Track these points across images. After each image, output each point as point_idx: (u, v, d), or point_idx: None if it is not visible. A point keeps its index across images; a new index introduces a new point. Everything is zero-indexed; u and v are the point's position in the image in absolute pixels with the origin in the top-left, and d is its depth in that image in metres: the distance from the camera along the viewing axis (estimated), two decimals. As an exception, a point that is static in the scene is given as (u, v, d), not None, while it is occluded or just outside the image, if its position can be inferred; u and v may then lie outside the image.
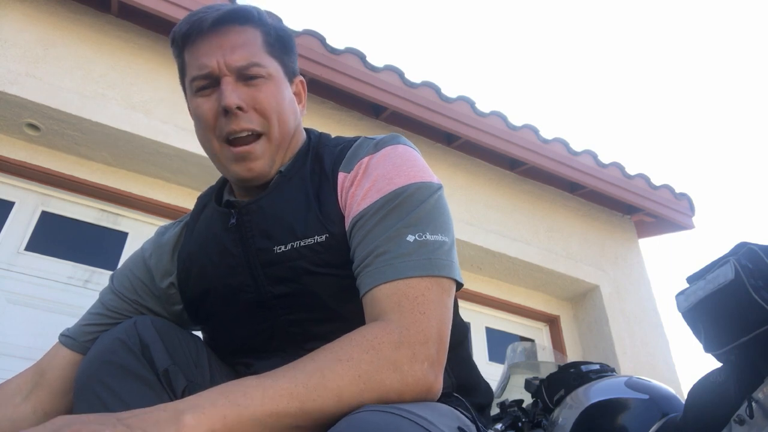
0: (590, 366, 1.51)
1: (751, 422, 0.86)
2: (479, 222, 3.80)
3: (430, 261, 0.75)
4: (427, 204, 0.80)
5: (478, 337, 3.85)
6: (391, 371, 0.64)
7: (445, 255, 0.78)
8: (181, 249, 1.00)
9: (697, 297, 1.01)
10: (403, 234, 0.76)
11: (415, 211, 0.79)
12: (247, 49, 0.88)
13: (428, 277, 0.73)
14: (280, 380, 0.60)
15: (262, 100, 0.87)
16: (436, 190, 0.84)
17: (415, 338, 0.67)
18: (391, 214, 0.78)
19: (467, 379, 0.92)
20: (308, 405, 0.59)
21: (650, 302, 4.22)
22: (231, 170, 0.91)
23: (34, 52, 2.89)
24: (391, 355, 0.65)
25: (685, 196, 4.48)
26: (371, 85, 3.42)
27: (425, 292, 0.72)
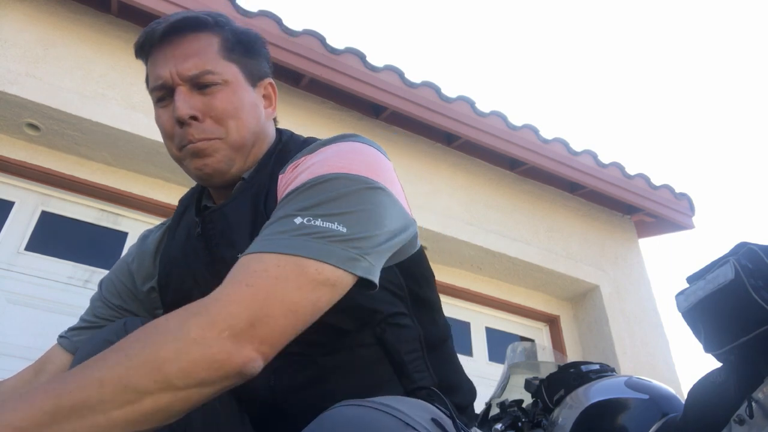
0: (590, 366, 1.51)
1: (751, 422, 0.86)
2: (479, 222, 3.80)
3: (299, 241, 0.67)
4: (340, 194, 0.73)
5: (478, 337, 3.85)
6: (170, 341, 0.57)
7: (329, 242, 0.68)
8: (163, 253, 1.00)
9: (697, 297, 1.01)
10: (292, 216, 0.70)
11: (320, 198, 0.72)
12: (200, 57, 0.86)
13: (286, 255, 0.66)
14: (39, 395, 0.53)
15: (217, 107, 0.86)
16: (368, 185, 0.75)
17: (222, 308, 0.60)
18: (296, 199, 0.73)
19: (449, 378, 0.90)
20: (67, 400, 0.52)
21: (650, 302, 4.23)
22: (191, 170, 0.91)
23: (34, 52, 2.89)
24: (179, 324, 0.59)
25: (685, 196, 4.48)
26: (371, 85, 3.42)
27: (271, 268, 0.65)
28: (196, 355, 0.57)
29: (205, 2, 3.08)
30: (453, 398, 0.87)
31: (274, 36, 3.23)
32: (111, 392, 0.54)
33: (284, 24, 3.29)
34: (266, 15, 3.26)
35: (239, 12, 3.17)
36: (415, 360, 0.85)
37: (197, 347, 0.57)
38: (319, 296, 0.66)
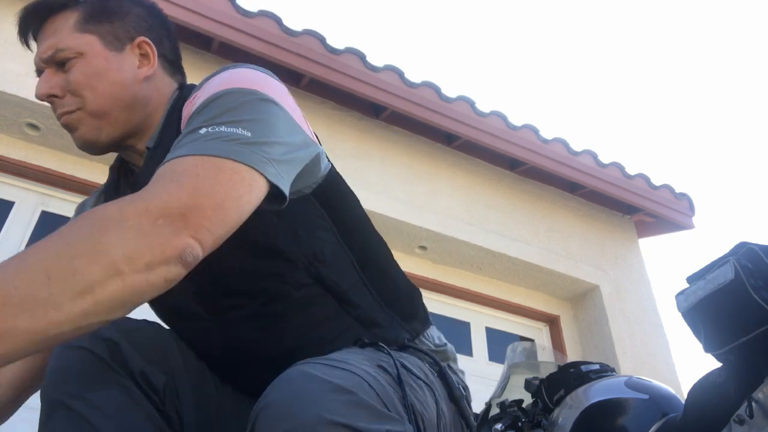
0: (590, 366, 1.51)
1: (751, 422, 0.86)
2: (479, 222, 3.80)
3: (212, 144, 0.70)
4: (236, 105, 0.76)
5: (478, 337, 3.85)
6: (111, 227, 0.58)
7: (238, 144, 0.71)
8: None
9: (697, 297, 1.01)
10: (197, 129, 0.74)
11: (219, 110, 0.76)
12: (53, 38, 0.89)
13: (202, 156, 0.69)
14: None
15: (72, 82, 0.88)
16: (260, 97, 0.79)
17: (154, 198, 0.63)
18: (197, 117, 0.76)
19: (390, 292, 0.94)
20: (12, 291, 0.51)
21: (650, 302, 4.23)
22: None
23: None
24: (115, 214, 0.60)
25: (685, 196, 4.48)
26: (371, 85, 3.42)
27: (190, 167, 0.68)
28: (137, 240, 0.58)
29: (204, 2, 3.08)
30: (397, 310, 0.93)
31: (274, 36, 3.23)
32: (60, 284, 0.53)
33: (284, 24, 3.29)
34: (266, 15, 3.26)
35: (239, 12, 3.17)
36: (354, 286, 0.89)
37: (137, 233, 0.59)
38: (241, 194, 0.69)
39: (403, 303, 0.96)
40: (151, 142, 0.90)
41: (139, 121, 0.92)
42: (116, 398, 0.81)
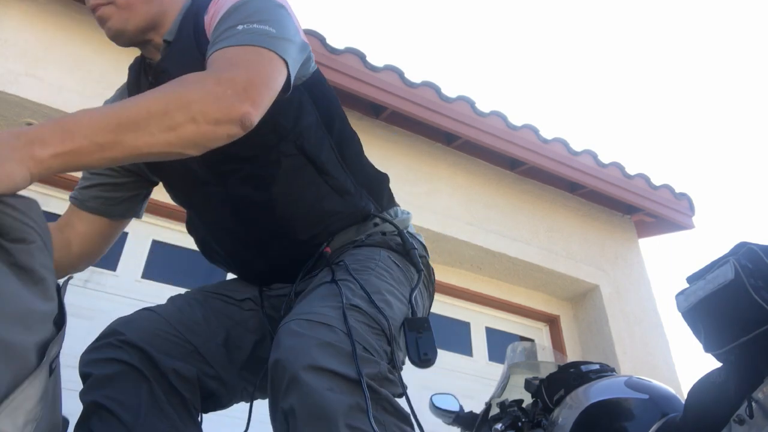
0: (590, 366, 1.51)
1: (751, 422, 0.86)
2: (479, 222, 3.80)
3: (251, 37, 0.90)
4: (260, 8, 0.96)
5: (478, 337, 3.85)
6: (193, 90, 0.80)
7: (269, 37, 0.91)
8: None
9: (697, 297, 1.01)
10: (234, 26, 0.93)
11: (248, 12, 0.95)
12: None
13: (246, 46, 0.89)
14: (107, 111, 0.75)
15: None
16: (277, 4, 1.00)
17: (224, 74, 0.83)
18: (230, 17, 0.96)
19: (361, 175, 1.17)
20: (125, 130, 0.74)
21: (650, 302, 4.23)
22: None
23: (34, 52, 2.89)
24: (197, 80, 0.82)
25: (685, 196, 4.48)
26: (371, 84, 3.41)
27: (240, 54, 0.88)
28: (211, 100, 0.79)
29: None
30: (366, 186, 1.17)
31: (274, 36, 3.23)
32: (156, 118, 0.75)
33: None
34: (266, 15, 3.26)
35: (239, 12, 3.17)
36: (330, 161, 1.10)
37: (212, 96, 0.80)
38: (276, 76, 0.89)
39: (372, 182, 1.20)
40: (170, 36, 1.10)
41: (156, 15, 1.10)
42: (146, 401, 1.00)
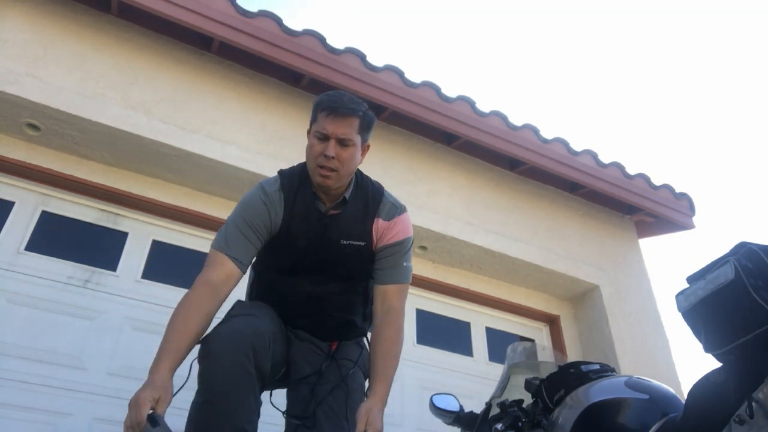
0: (590, 366, 1.51)
1: (751, 422, 0.86)
2: (479, 222, 3.80)
3: (407, 276, 1.76)
4: (409, 247, 1.77)
5: (478, 337, 3.85)
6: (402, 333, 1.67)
7: (409, 273, 1.76)
8: (287, 217, 1.66)
9: (697, 297, 1.01)
10: (403, 261, 1.74)
11: (408, 251, 1.76)
12: (348, 129, 1.61)
13: (406, 283, 1.75)
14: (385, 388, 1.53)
15: (343, 157, 1.61)
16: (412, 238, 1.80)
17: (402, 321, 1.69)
18: (400, 251, 1.73)
19: (367, 314, 1.84)
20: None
21: (650, 302, 4.22)
22: (316, 178, 1.63)
23: (34, 52, 2.89)
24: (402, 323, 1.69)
25: (685, 196, 4.48)
26: (371, 85, 3.42)
27: (405, 291, 1.75)
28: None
29: (204, 2, 3.08)
30: (367, 318, 1.84)
31: (274, 36, 3.23)
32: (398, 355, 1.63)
33: (284, 24, 3.29)
34: (266, 15, 3.25)
35: (239, 12, 3.17)
36: (363, 305, 1.82)
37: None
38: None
39: (368, 318, 1.84)
40: (347, 194, 1.70)
41: (345, 181, 1.69)
42: (253, 402, 1.42)
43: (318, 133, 1.62)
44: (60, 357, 2.61)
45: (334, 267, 1.69)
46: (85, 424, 2.51)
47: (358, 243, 1.68)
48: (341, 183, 1.65)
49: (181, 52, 3.32)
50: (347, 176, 1.65)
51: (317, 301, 1.71)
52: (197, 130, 3.10)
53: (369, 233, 1.69)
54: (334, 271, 1.70)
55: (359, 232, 1.68)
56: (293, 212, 1.66)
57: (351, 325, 1.78)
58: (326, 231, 1.66)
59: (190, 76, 3.28)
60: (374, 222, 1.70)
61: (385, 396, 1.50)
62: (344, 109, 1.60)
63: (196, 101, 3.21)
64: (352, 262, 1.69)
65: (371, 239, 1.69)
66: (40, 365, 2.54)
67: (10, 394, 2.43)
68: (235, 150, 3.14)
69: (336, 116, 1.60)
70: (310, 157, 1.64)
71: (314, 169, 1.62)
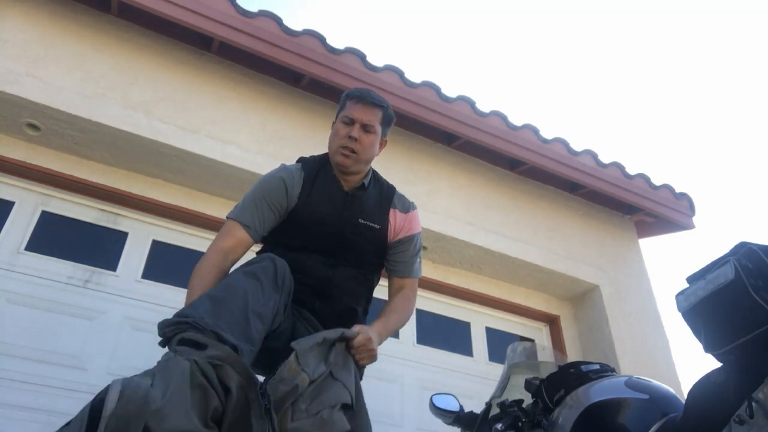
0: (590, 366, 1.51)
1: (751, 422, 0.86)
2: (479, 222, 3.80)
3: (420, 271, 1.90)
4: (421, 244, 1.91)
5: (478, 337, 3.85)
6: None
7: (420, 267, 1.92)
8: (306, 193, 1.73)
9: (697, 297, 1.01)
10: (418, 257, 1.88)
11: (420, 246, 1.89)
12: (372, 117, 1.78)
13: (418, 278, 1.89)
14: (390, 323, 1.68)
15: (365, 142, 1.75)
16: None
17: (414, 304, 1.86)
18: (414, 247, 1.86)
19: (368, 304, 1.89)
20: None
21: (650, 302, 4.22)
22: (337, 160, 1.75)
23: (34, 52, 2.89)
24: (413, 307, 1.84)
25: (685, 196, 4.48)
26: (371, 85, 3.41)
27: (416, 286, 1.88)
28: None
29: (204, 2, 3.07)
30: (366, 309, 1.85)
31: (274, 36, 3.23)
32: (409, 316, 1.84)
33: (284, 24, 3.29)
34: (266, 15, 3.25)
35: (239, 12, 3.17)
36: (368, 295, 1.84)
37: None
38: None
39: (366, 314, 1.87)
40: (366, 181, 1.82)
41: (365, 168, 1.82)
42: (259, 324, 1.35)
43: (345, 118, 1.76)
44: (60, 357, 2.61)
45: (346, 249, 1.72)
46: (85, 424, 2.51)
47: (374, 225, 1.76)
48: (359, 168, 1.77)
49: (181, 52, 3.32)
50: (365, 162, 1.78)
51: (326, 282, 1.69)
52: (197, 130, 3.10)
53: (385, 220, 1.79)
54: (345, 255, 1.72)
55: (376, 216, 1.78)
56: (313, 188, 1.74)
57: (354, 314, 1.75)
58: (346, 208, 1.75)
59: (190, 76, 3.28)
60: (391, 211, 1.82)
61: (380, 330, 1.59)
62: (371, 99, 1.78)
63: (196, 101, 3.21)
64: (364, 245, 1.74)
65: (386, 225, 1.79)
66: (40, 365, 2.54)
67: (10, 394, 2.43)
68: (235, 150, 3.14)
69: (364, 104, 1.76)
70: (334, 140, 1.77)
71: (336, 150, 1.74)
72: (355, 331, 1.46)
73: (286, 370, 1.25)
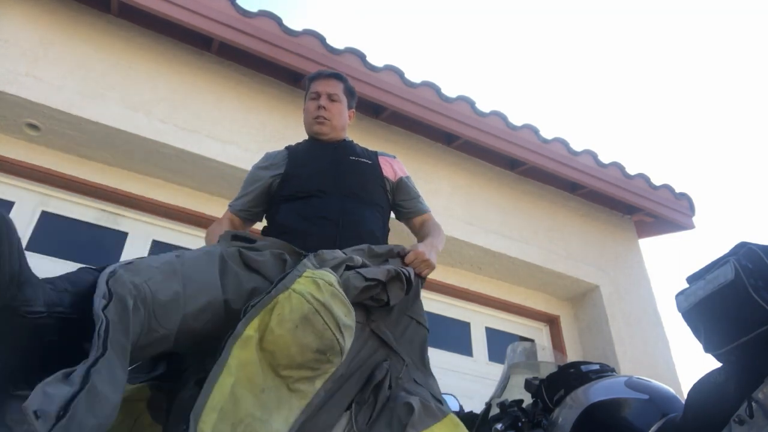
0: (590, 366, 1.51)
1: (751, 422, 0.86)
2: (479, 222, 3.80)
3: (429, 208, 2.01)
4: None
5: (478, 337, 3.85)
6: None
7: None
8: (293, 158, 1.87)
9: (697, 297, 1.01)
10: (420, 197, 2.02)
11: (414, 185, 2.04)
12: (335, 89, 1.96)
13: (431, 213, 2.01)
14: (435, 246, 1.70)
15: (333, 110, 1.93)
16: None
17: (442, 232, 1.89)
18: (414, 186, 2.03)
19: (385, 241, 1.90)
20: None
21: (650, 302, 4.22)
22: (313, 128, 1.92)
23: (34, 52, 2.89)
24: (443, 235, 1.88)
25: (685, 196, 4.48)
26: (371, 85, 3.41)
27: (434, 218, 1.98)
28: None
29: (204, 2, 3.07)
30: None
31: (274, 36, 3.23)
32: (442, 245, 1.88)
33: (284, 24, 3.29)
34: (266, 15, 3.25)
35: (239, 12, 3.16)
36: (383, 229, 1.81)
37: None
38: None
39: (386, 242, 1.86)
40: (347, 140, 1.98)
41: (341, 135, 1.97)
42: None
43: (311, 94, 1.96)
44: (60, 357, 2.60)
45: (348, 179, 1.77)
46: (85, 424, 2.51)
47: (366, 161, 1.87)
48: (336, 134, 1.93)
49: (181, 52, 3.32)
50: (340, 129, 1.94)
51: (341, 211, 1.66)
52: (197, 130, 3.10)
53: (376, 161, 1.92)
54: (349, 186, 1.75)
55: (366, 156, 1.91)
56: (299, 152, 1.90)
57: (376, 240, 1.66)
58: (334, 152, 1.87)
59: (190, 76, 3.28)
60: (379, 157, 1.95)
61: (434, 243, 1.71)
62: (329, 72, 2.01)
63: (196, 101, 3.21)
64: (364, 173, 1.83)
65: (378, 165, 1.91)
66: (40, 365, 2.54)
67: (10, 394, 2.43)
68: (235, 150, 3.14)
69: (325, 78, 1.97)
70: (308, 116, 1.95)
71: (311, 123, 1.92)
72: (403, 247, 1.57)
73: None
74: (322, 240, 1.54)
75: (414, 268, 1.51)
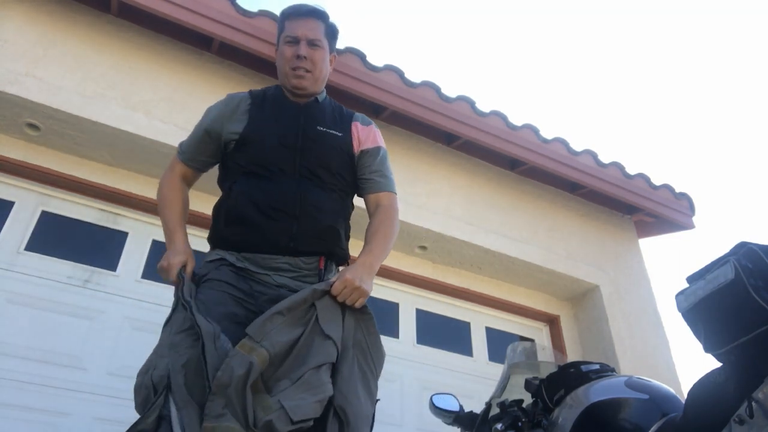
0: (590, 366, 1.51)
1: (751, 422, 0.86)
2: (479, 222, 3.80)
3: (394, 187, 1.75)
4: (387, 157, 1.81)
5: (478, 337, 3.85)
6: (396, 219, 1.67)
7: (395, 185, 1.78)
8: (254, 117, 1.68)
9: (697, 297, 1.01)
10: (387, 171, 1.75)
11: (388, 162, 1.78)
12: (316, 32, 1.71)
13: (395, 193, 1.74)
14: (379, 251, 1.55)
15: (315, 58, 1.70)
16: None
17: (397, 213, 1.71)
18: (384, 155, 1.77)
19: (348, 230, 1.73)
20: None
21: (650, 302, 4.22)
22: (291, 82, 1.71)
23: (34, 52, 2.89)
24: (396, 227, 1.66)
25: (685, 196, 4.48)
26: (371, 85, 3.41)
27: (395, 201, 1.72)
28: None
29: (204, 2, 3.07)
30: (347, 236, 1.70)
31: (274, 36, 3.22)
32: (393, 241, 1.66)
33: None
34: (266, 15, 3.25)
35: (239, 12, 3.16)
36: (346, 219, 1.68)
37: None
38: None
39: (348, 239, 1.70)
40: (320, 97, 1.79)
41: (320, 89, 1.79)
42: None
43: (288, 37, 1.71)
44: (60, 357, 2.61)
45: (310, 159, 1.59)
46: (84, 424, 2.51)
47: (335, 132, 1.68)
48: (317, 87, 1.74)
49: (181, 52, 3.32)
50: (321, 80, 1.75)
51: (299, 199, 1.53)
52: (197, 130, 3.11)
53: (348, 130, 1.72)
54: (310, 168, 1.58)
55: (337, 125, 1.71)
56: (263, 107, 1.70)
57: (336, 235, 1.57)
58: (301, 117, 1.68)
59: (190, 76, 3.28)
60: (353, 124, 1.75)
61: (364, 260, 1.47)
62: (308, 9, 1.74)
63: (196, 101, 3.21)
64: (329, 153, 1.62)
65: (350, 135, 1.71)
66: (40, 365, 2.54)
67: (10, 394, 2.43)
68: (235, 150, 3.14)
69: (304, 18, 1.72)
70: (284, 64, 1.72)
71: (288, 73, 1.70)
72: (330, 281, 1.38)
73: (236, 352, 1.20)
74: (279, 235, 1.49)
75: (344, 300, 1.37)
